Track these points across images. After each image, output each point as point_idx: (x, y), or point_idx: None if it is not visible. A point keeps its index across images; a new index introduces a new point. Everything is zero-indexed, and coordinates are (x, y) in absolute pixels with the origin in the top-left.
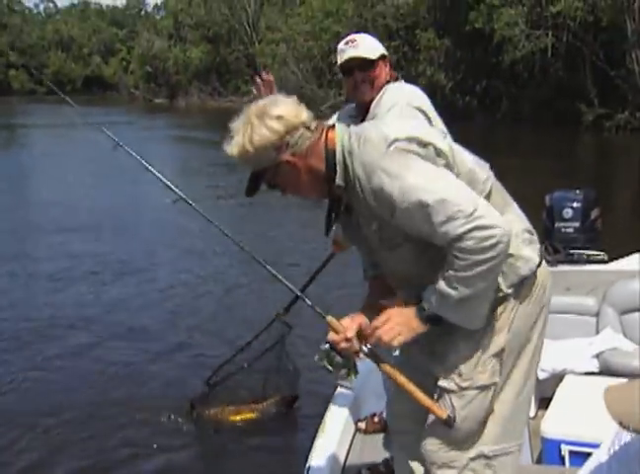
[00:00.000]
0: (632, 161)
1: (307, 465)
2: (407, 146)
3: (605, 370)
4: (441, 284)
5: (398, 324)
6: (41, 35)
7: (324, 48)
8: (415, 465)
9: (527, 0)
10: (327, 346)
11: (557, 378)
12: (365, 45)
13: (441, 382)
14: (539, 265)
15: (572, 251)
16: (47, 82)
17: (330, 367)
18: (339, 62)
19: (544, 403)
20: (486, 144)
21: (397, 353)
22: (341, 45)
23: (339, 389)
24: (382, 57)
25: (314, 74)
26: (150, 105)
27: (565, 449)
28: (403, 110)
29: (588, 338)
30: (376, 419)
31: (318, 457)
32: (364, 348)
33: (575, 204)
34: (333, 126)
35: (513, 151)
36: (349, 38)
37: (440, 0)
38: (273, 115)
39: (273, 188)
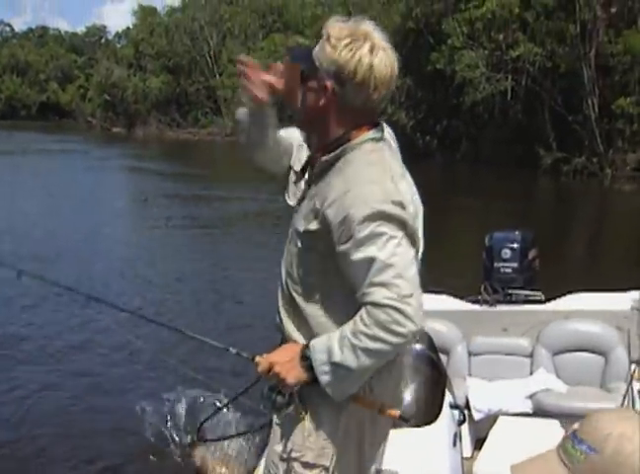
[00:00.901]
0: (585, 205)
1: None
2: (401, 212)
3: (539, 411)
4: (334, 339)
5: (281, 365)
6: None
7: None
8: None
9: (488, 43)
10: (266, 389)
11: (492, 419)
12: None
13: (276, 446)
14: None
15: (510, 291)
16: None
17: (274, 411)
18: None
19: (479, 443)
20: (445, 184)
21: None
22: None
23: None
24: None
25: (275, 108)
26: (107, 134)
27: None
28: None
29: (522, 378)
30: None
31: None
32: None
33: (513, 245)
34: (375, 126)
35: (470, 192)
36: None
37: (401, 40)
38: (384, 45)
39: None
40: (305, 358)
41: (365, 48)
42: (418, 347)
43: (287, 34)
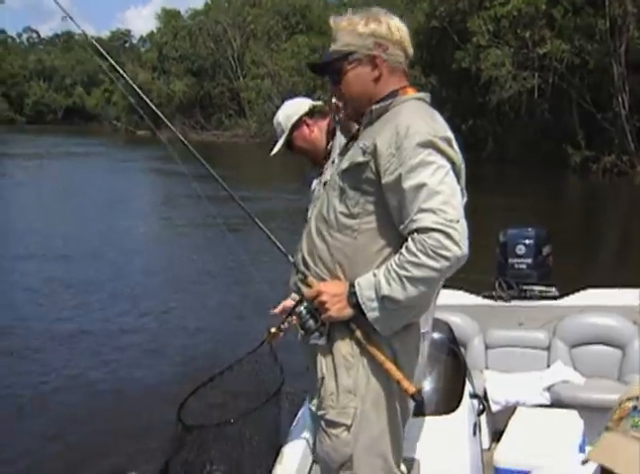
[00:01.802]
0: (615, 204)
1: None
2: (449, 148)
3: (556, 403)
4: (380, 274)
5: (331, 296)
6: (24, 64)
7: (309, 84)
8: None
9: (514, 41)
10: (302, 309)
11: (509, 411)
12: (280, 124)
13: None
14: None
15: (525, 287)
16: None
17: (302, 331)
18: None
19: (497, 435)
20: (470, 183)
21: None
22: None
23: (296, 421)
24: (301, 118)
25: None
26: (132, 137)
27: None
28: None
29: (539, 371)
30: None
31: None
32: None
33: (527, 241)
34: (417, 89)
35: (496, 191)
36: None
37: (426, 38)
38: (395, 24)
39: (337, 79)
40: (352, 295)
41: (382, 17)
42: (437, 336)
43: (310, 35)
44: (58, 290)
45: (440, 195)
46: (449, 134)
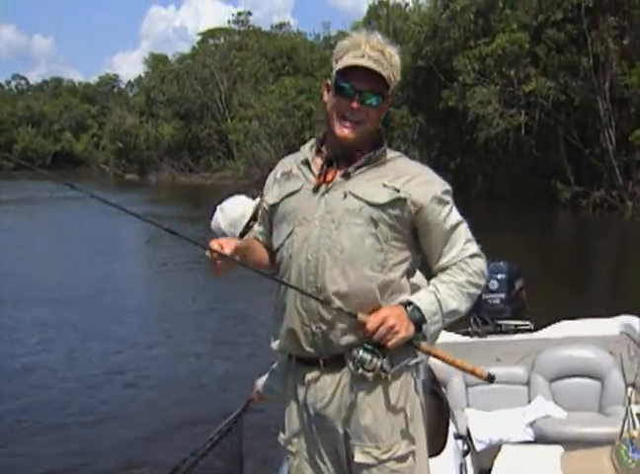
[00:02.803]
0: (606, 238)
1: None
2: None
3: (539, 438)
4: (442, 291)
5: (396, 317)
6: (12, 111)
7: (297, 125)
8: None
9: (500, 79)
10: (360, 353)
11: (494, 449)
12: (225, 235)
13: (358, 458)
14: None
15: (500, 321)
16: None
17: (369, 370)
18: None
19: None
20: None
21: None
22: None
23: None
24: (248, 225)
25: (287, 151)
26: (121, 180)
27: None
28: None
29: (521, 407)
30: None
31: None
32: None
33: (499, 276)
34: None
35: (485, 227)
36: None
37: (412, 78)
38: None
39: (355, 94)
40: (415, 310)
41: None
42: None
43: (297, 76)
44: (47, 333)
45: (468, 228)
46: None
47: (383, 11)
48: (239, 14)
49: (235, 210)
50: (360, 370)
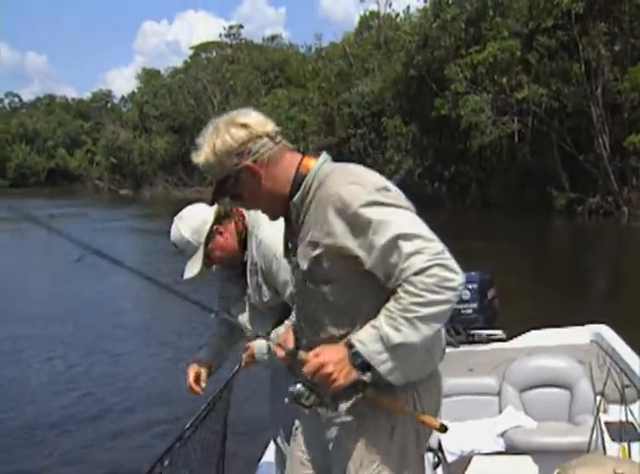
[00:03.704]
0: (602, 244)
1: None
2: (390, 193)
3: (510, 449)
4: (384, 325)
5: (335, 365)
6: (6, 129)
7: (290, 137)
8: None
9: (492, 87)
10: (297, 387)
11: (465, 461)
12: (189, 242)
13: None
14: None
15: (472, 331)
16: None
17: (306, 406)
18: None
19: None
20: (454, 229)
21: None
22: None
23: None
24: (213, 228)
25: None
26: (115, 196)
27: None
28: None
29: (491, 417)
30: None
31: None
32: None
33: (471, 286)
34: (315, 156)
35: (480, 235)
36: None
37: (404, 87)
38: (238, 122)
39: (234, 199)
40: (354, 356)
41: (222, 129)
42: None
43: (290, 88)
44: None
45: (415, 235)
46: (382, 183)
47: (374, 21)
48: (231, 27)
49: (195, 218)
50: (295, 404)
